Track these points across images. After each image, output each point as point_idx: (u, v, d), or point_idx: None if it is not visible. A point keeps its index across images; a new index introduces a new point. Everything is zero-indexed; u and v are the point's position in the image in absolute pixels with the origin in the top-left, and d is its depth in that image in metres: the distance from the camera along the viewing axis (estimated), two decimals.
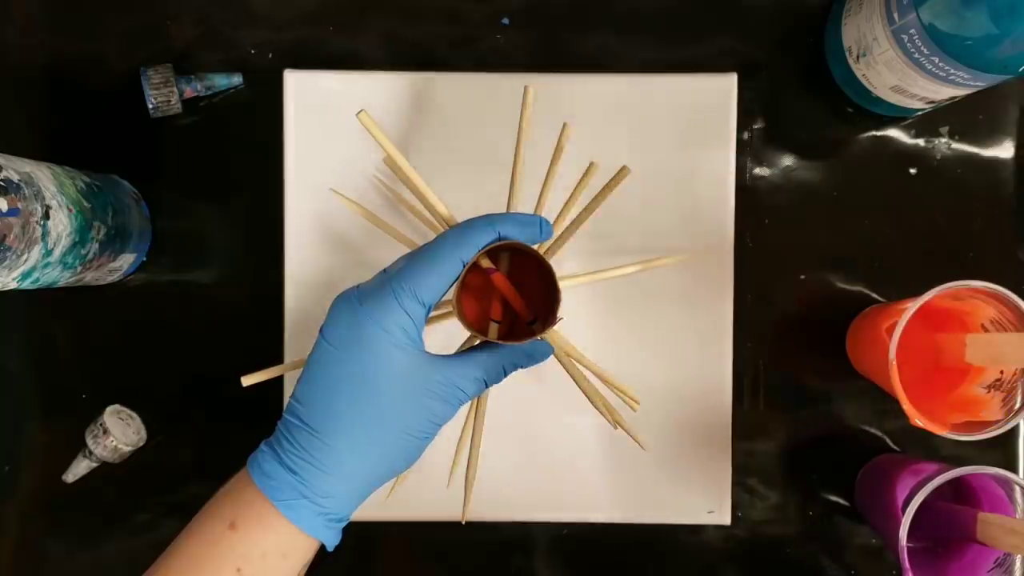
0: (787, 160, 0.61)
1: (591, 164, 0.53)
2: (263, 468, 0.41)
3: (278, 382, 0.57)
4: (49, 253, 0.49)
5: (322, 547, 0.43)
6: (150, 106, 0.58)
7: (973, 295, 0.51)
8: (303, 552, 0.42)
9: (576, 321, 0.59)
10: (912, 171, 0.61)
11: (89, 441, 0.58)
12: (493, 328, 0.46)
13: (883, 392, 0.57)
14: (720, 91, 0.58)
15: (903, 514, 0.49)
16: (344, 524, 0.43)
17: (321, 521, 0.41)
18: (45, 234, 0.49)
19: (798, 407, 0.61)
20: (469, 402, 0.45)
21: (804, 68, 0.61)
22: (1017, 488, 0.52)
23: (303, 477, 0.40)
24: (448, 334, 0.50)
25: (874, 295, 0.61)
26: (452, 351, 0.45)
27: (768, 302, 0.61)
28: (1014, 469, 0.61)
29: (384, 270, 0.42)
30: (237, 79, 0.60)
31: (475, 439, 0.51)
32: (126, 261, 0.59)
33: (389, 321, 0.40)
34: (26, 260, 0.48)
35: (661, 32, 0.61)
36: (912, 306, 0.49)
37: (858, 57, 0.56)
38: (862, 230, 0.61)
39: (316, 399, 0.41)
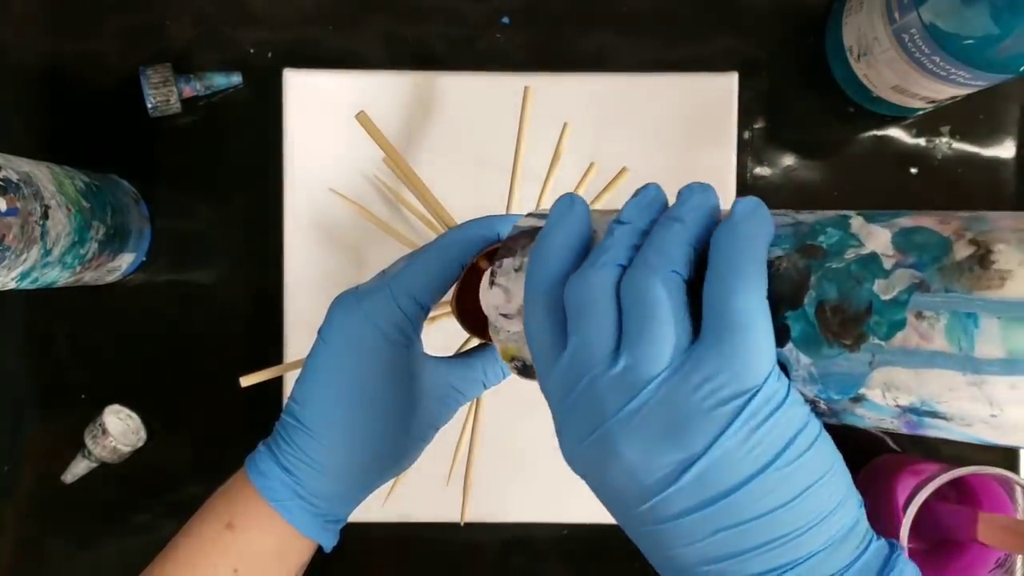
0: (788, 160, 0.61)
1: (591, 165, 0.53)
2: (260, 468, 0.41)
3: (278, 382, 0.57)
4: (48, 253, 0.49)
5: (320, 548, 0.43)
6: (149, 106, 0.58)
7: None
8: (300, 553, 0.42)
9: None
10: (913, 171, 0.61)
11: (88, 441, 0.58)
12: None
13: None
14: (720, 91, 0.58)
15: (904, 515, 0.49)
16: (341, 525, 0.43)
17: (318, 522, 0.41)
18: (44, 234, 0.48)
19: None
20: (468, 403, 0.45)
21: (805, 68, 0.61)
22: (1018, 488, 0.52)
23: (300, 478, 0.40)
24: (447, 335, 0.50)
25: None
26: (451, 352, 0.45)
27: None
28: (1014, 469, 0.60)
29: (383, 271, 0.42)
30: (236, 79, 0.60)
31: (474, 440, 0.51)
32: (125, 261, 0.58)
33: (387, 322, 0.40)
34: (25, 260, 0.48)
35: (661, 32, 0.61)
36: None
37: (859, 56, 0.56)
38: None
39: (314, 400, 0.41)
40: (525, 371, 0.33)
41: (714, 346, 0.26)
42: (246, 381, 0.47)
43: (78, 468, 0.59)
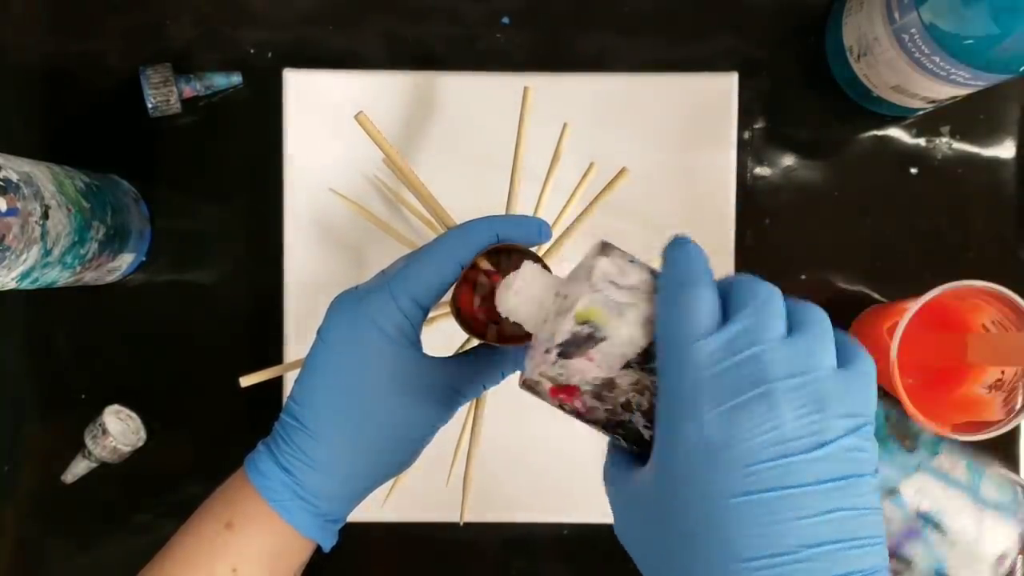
0: (788, 160, 0.61)
1: (590, 165, 0.53)
2: (260, 468, 0.41)
3: (278, 382, 0.57)
4: (48, 253, 0.49)
5: (320, 548, 0.43)
6: (149, 106, 0.58)
7: (974, 295, 0.51)
8: (299, 552, 0.42)
9: None
10: (913, 171, 0.61)
11: (88, 441, 0.58)
12: (492, 330, 0.45)
13: (884, 391, 0.57)
14: (720, 91, 0.58)
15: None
16: (340, 525, 0.43)
17: (317, 522, 0.41)
18: (44, 234, 0.48)
19: None
20: (468, 404, 0.45)
21: (804, 68, 0.61)
22: (1019, 488, 0.52)
23: (299, 478, 0.40)
24: (446, 336, 0.50)
25: (875, 295, 0.61)
26: (450, 353, 0.45)
27: None
28: (1015, 469, 0.60)
29: (383, 271, 0.42)
30: (236, 79, 0.60)
31: (473, 440, 0.51)
32: (125, 261, 0.58)
33: (386, 322, 0.40)
34: (25, 260, 0.48)
35: (661, 32, 0.61)
36: (914, 306, 0.49)
37: (859, 56, 0.56)
38: (862, 230, 0.61)
39: (313, 400, 0.41)
40: (582, 340, 0.33)
41: (853, 374, 0.31)
42: (246, 381, 0.47)
43: (78, 468, 0.59)
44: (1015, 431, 0.60)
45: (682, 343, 0.30)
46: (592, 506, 0.59)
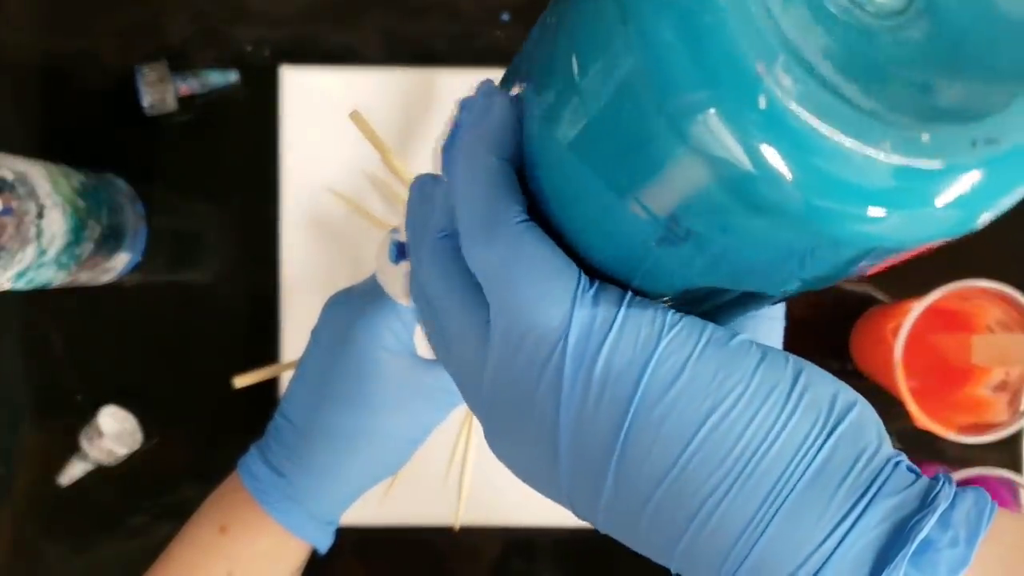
0: None
1: None
2: (252, 471, 0.41)
3: (274, 382, 0.56)
4: (43, 253, 0.49)
5: (318, 552, 0.42)
6: (145, 104, 0.58)
7: (979, 295, 0.51)
8: (294, 555, 0.41)
9: None
10: None
11: (84, 443, 0.58)
12: None
13: (888, 393, 0.57)
14: None
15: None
16: (334, 527, 0.43)
17: (310, 523, 0.41)
18: (39, 233, 0.48)
19: None
20: (463, 406, 0.44)
21: None
22: (1022, 490, 0.51)
23: (291, 480, 0.40)
24: None
25: (878, 295, 0.60)
26: None
27: None
28: (1019, 469, 0.60)
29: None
30: (233, 76, 0.59)
31: (469, 443, 0.51)
32: (121, 261, 0.58)
33: (379, 324, 0.39)
34: (20, 260, 0.47)
35: None
36: (918, 307, 0.49)
37: None
38: None
39: (305, 401, 0.40)
40: None
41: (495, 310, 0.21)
42: (240, 382, 0.47)
43: (74, 470, 0.59)
44: (1019, 432, 0.60)
45: None
46: None
